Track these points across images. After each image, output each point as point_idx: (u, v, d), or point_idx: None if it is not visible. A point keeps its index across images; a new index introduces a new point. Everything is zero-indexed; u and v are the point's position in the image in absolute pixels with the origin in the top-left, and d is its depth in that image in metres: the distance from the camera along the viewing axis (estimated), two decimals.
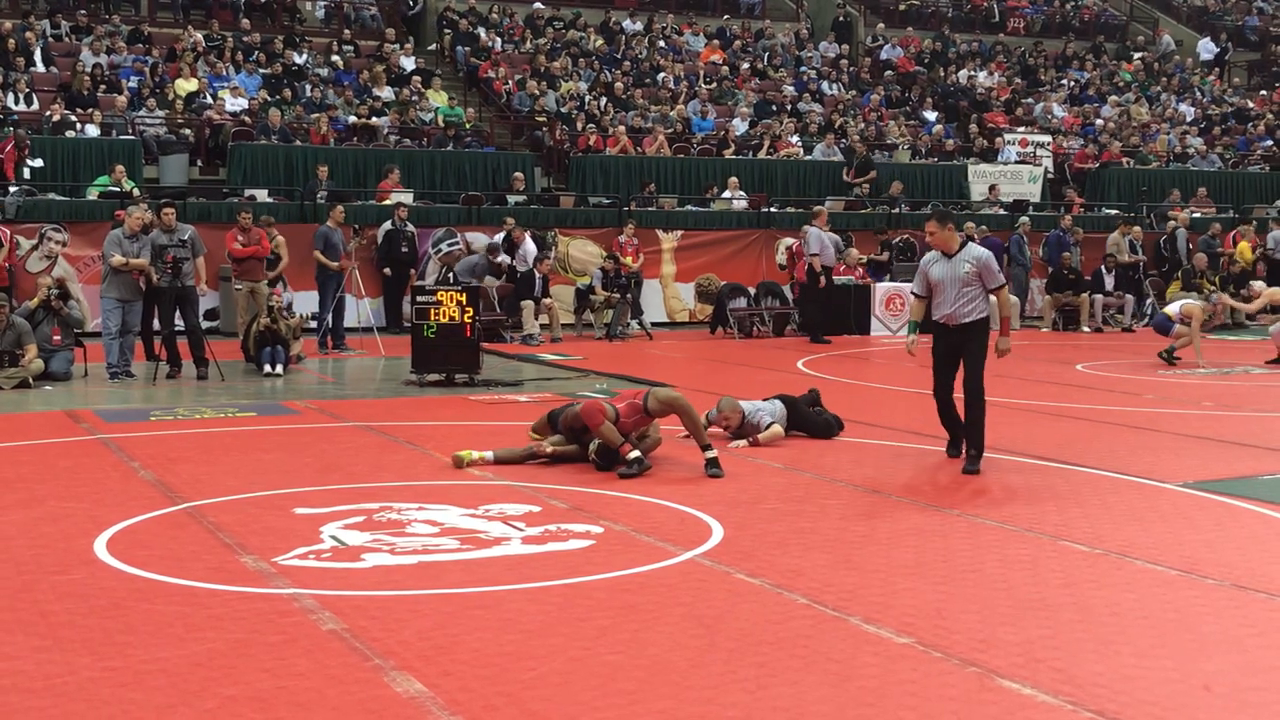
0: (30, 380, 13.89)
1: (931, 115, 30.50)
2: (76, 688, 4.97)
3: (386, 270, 19.88)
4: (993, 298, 9.81)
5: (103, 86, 23.29)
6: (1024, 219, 24.07)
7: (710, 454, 9.34)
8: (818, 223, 20.16)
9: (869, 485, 8.99)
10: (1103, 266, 23.10)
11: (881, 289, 21.89)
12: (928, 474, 9.51)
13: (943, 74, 32.96)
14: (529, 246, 20.52)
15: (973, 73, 33.35)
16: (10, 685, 4.98)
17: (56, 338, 14.78)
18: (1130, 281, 23.48)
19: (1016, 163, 28.16)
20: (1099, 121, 31.76)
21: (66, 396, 13.41)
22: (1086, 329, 22.32)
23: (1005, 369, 15.94)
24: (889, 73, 32.62)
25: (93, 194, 19.92)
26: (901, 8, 36.55)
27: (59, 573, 6.58)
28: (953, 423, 9.95)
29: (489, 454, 9.71)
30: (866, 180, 25.79)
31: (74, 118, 21.52)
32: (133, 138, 21.84)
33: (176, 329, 14.83)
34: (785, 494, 8.68)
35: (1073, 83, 34.29)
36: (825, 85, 31.08)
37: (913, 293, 10.26)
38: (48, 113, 21.89)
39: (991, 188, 26.40)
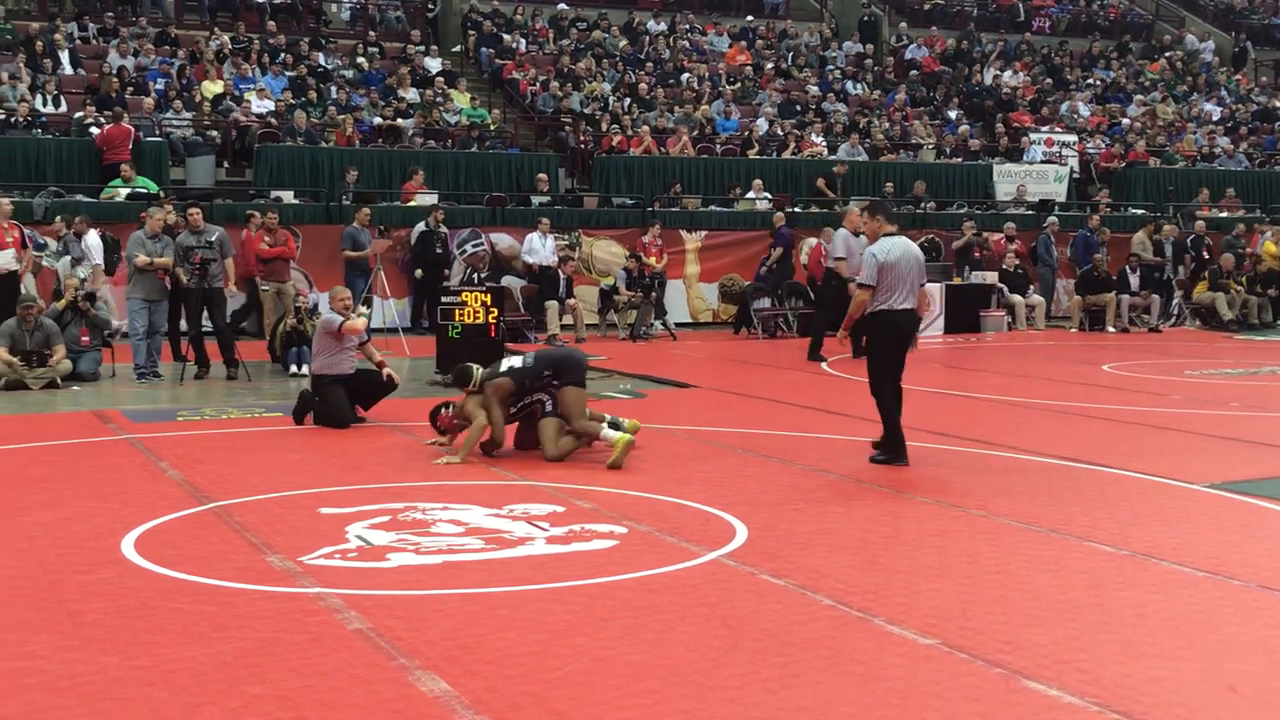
0: (58, 381, 14.00)
1: (955, 115, 30.40)
2: (103, 686, 5.00)
3: (419, 272, 19.90)
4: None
5: (130, 89, 23.43)
6: (1052, 219, 23.94)
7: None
8: (847, 224, 17.34)
9: (893, 486, 8.97)
10: (1127, 266, 22.98)
11: None
12: (952, 475, 9.47)
13: (968, 73, 32.84)
14: (548, 243, 20.56)
15: (998, 72, 33.23)
16: (37, 684, 5.01)
17: (85, 338, 14.88)
18: (1157, 281, 23.36)
19: (1042, 162, 28.04)
20: (1125, 121, 31.60)
21: (94, 397, 13.49)
22: (1112, 329, 22.21)
23: (1032, 370, 15.92)
24: (914, 72, 32.49)
25: (120, 194, 20.01)
26: (926, 7, 36.45)
27: (86, 572, 6.63)
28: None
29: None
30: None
31: (101, 119, 21.63)
32: (160, 139, 21.95)
33: (204, 330, 14.91)
34: (809, 495, 8.67)
35: (1098, 82, 34.12)
36: (850, 85, 31.01)
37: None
38: (76, 114, 22.03)
39: (1019, 188, 26.28)
